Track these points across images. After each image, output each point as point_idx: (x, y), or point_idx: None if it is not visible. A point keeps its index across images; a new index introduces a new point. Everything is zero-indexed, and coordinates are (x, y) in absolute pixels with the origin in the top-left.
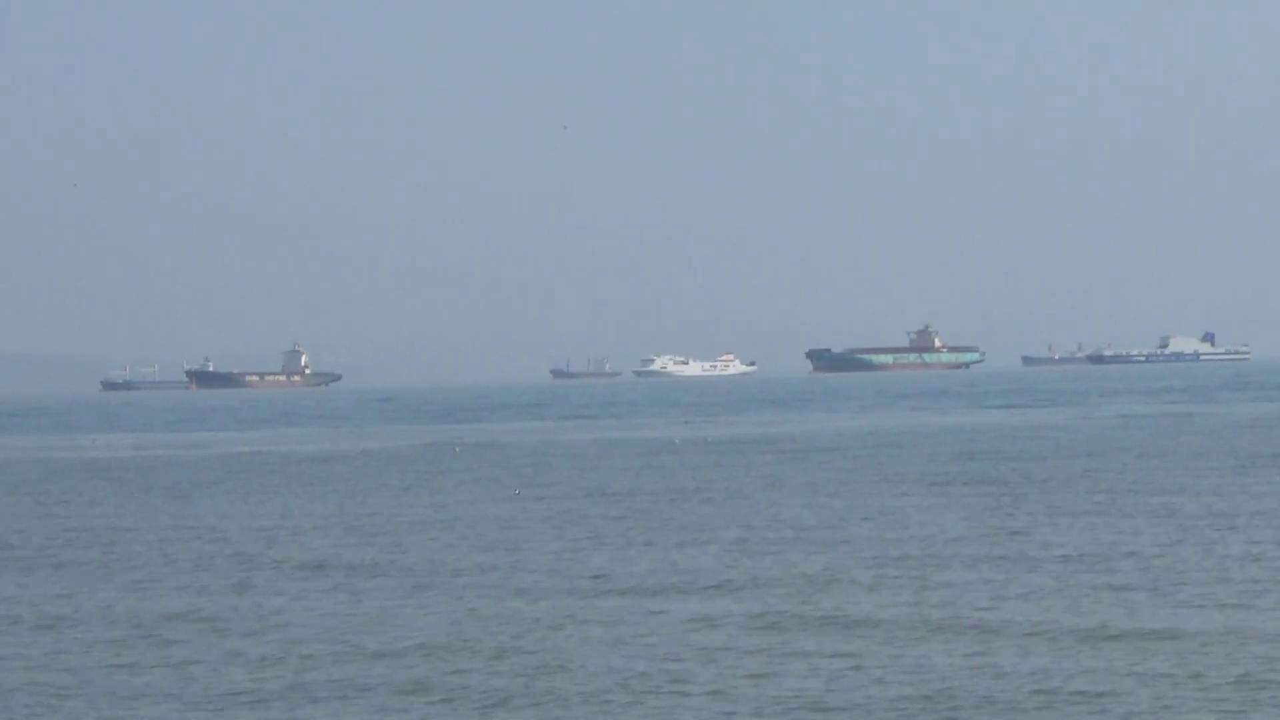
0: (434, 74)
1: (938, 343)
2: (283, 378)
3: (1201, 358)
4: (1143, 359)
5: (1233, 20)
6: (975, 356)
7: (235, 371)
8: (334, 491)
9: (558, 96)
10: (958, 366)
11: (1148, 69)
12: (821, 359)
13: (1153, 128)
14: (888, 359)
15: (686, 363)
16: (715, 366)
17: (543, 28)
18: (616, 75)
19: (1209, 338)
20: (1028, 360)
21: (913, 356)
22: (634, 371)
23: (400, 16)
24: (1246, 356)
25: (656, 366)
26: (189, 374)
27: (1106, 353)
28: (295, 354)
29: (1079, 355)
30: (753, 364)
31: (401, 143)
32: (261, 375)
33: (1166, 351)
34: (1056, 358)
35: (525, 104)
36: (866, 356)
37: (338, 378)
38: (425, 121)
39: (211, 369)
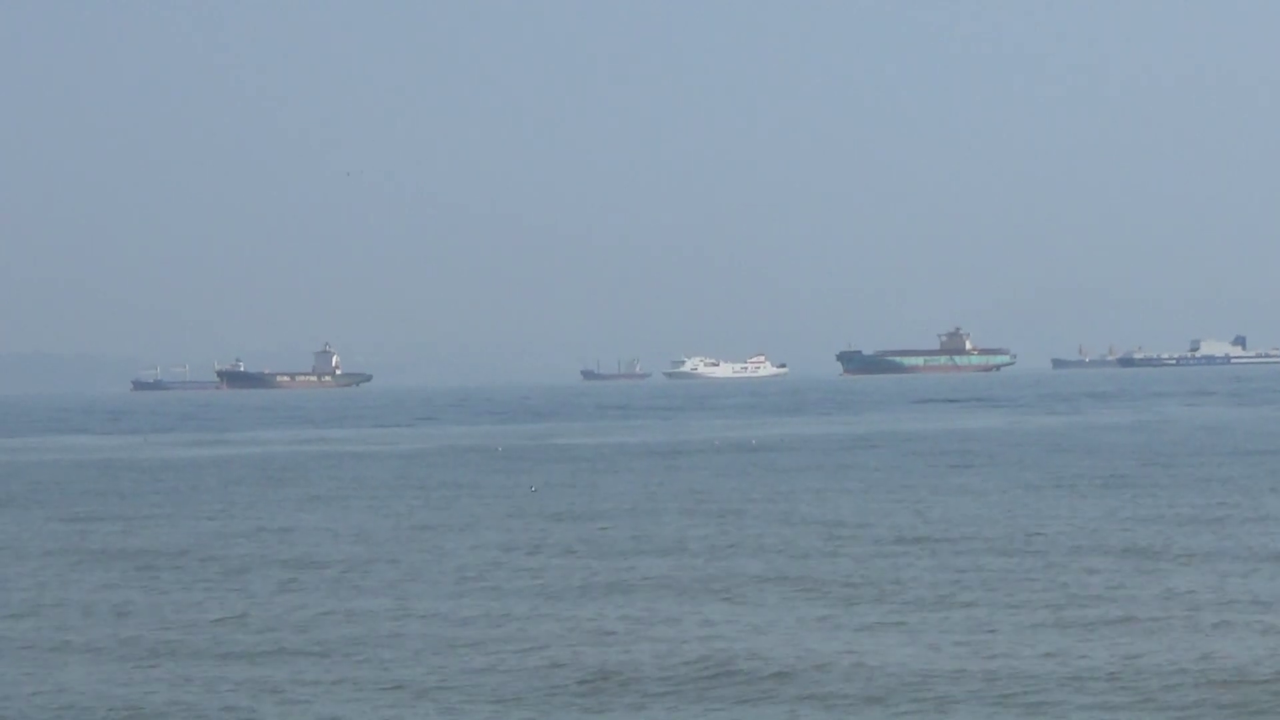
0: (463, 74)
1: (968, 345)
2: (313, 378)
3: (1232, 360)
4: (1173, 362)
5: (1265, 17)
6: (1006, 359)
7: (266, 372)
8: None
9: (586, 99)
10: (988, 369)
11: (1178, 69)
12: (852, 361)
13: (1184, 129)
14: (918, 361)
15: (717, 364)
16: (746, 368)
17: (565, 31)
18: (644, 79)
19: (1240, 341)
20: (1058, 363)
21: (943, 359)
22: (664, 373)
23: (436, 13)
24: (1278, 360)
25: (687, 368)
26: (220, 374)
27: (1137, 356)
28: (326, 354)
29: (1109, 358)
30: (783, 366)
31: (432, 143)
32: (293, 376)
33: (1197, 355)
34: (1087, 360)
35: (555, 106)
36: (897, 359)
37: (369, 378)
38: (456, 122)
39: (243, 369)
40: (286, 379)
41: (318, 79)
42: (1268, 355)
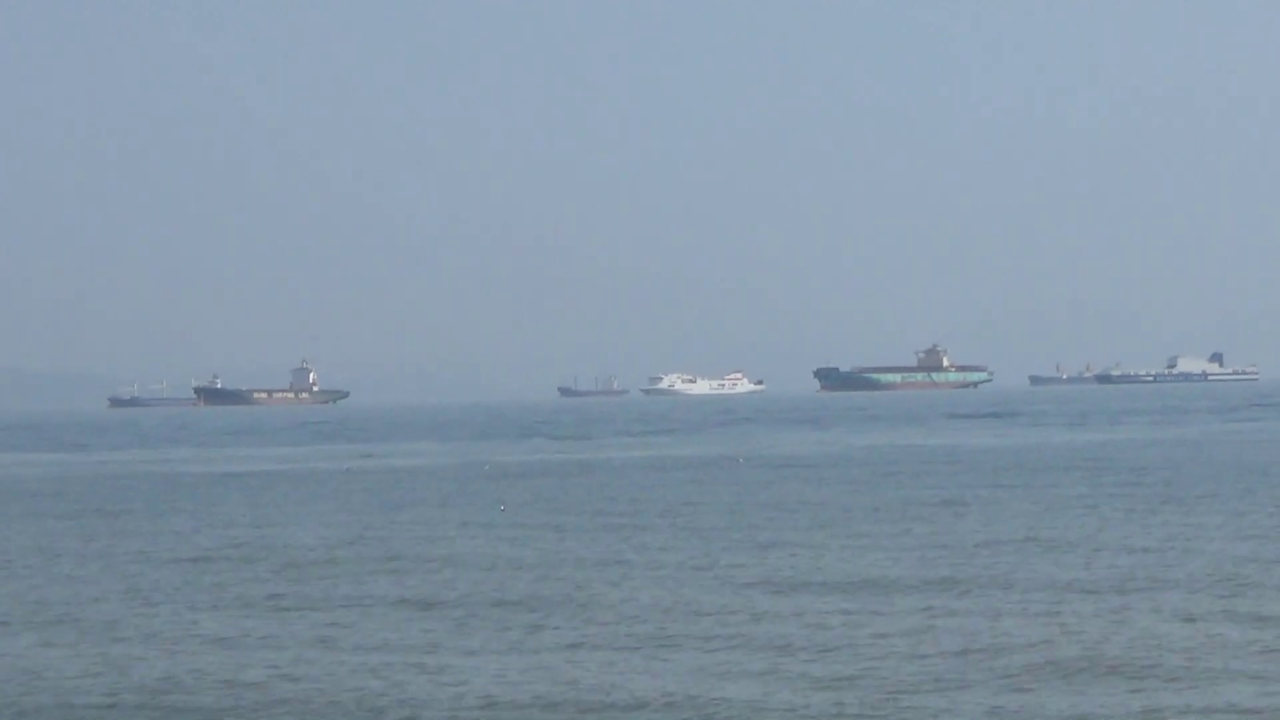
0: (444, 92)
1: (945, 362)
2: (291, 395)
3: (1210, 378)
4: (1151, 379)
5: (1245, 35)
6: (983, 376)
7: (243, 389)
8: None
9: (568, 115)
10: (965, 386)
11: (1156, 86)
12: (829, 378)
13: (1161, 146)
14: (895, 378)
15: (694, 381)
16: (723, 385)
17: (547, 51)
18: (626, 96)
19: (1217, 358)
20: (1035, 380)
21: (920, 376)
22: (642, 390)
23: (415, 34)
24: (1255, 377)
25: (664, 385)
26: (197, 391)
27: (1114, 373)
28: (304, 371)
29: (1086, 375)
30: (760, 383)
31: (412, 160)
32: (270, 392)
33: (1175, 372)
34: (1064, 378)
35: (534, 122)
36: (874, 376)
37: (345, 395)
38: (435, 139)
39: (220, 386)
40: (264, 395)
41: (303, 99)
42: (1244, 372)
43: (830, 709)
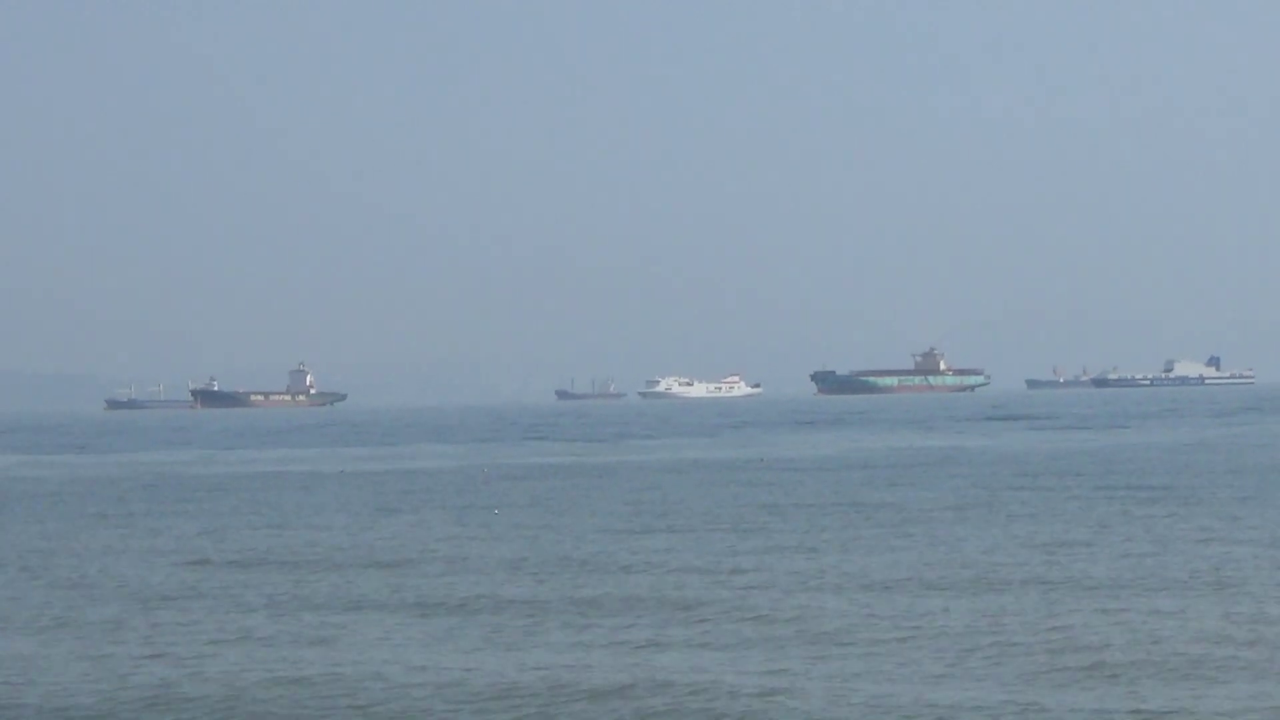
0: (444, 92)
1: (943, 365)
2: (288, 397)
3: (1206, 382)
4: (1148, 383)
5: (1245, 36)
6: (980, 380)
7: (240, 391)
8: None
9: (568, 116)
10: (962, 389)
11: (1156, 86)
12: (826, 381)
13: (1159, 152)
14: (892, 381)
15: (691, 384)
16: (720, 388)
17: (540, 58)
18: (626, 96)
19: (1214, 362)
20: (1032, 383)
21: (918, 379)
22: (639, 393)
23: (414, 36)
24: (1252, 381)
25: (661, 388)
26: (194, 393)
27: (1111, 376)
28: (300, 373)
29: (1083, 378)
30: (757, 386)
31: (411, 160)
32: (267, 395)
33: (1171, 376)
34: (1061, 381)
35: (534, 123)
36: (871, 379)
37: (343, 397)
38: (434, 143)
39: (217, 388)
40: (260, 398)
41: (303, 104)
42: (1241, 376)
43: (828, 710)
